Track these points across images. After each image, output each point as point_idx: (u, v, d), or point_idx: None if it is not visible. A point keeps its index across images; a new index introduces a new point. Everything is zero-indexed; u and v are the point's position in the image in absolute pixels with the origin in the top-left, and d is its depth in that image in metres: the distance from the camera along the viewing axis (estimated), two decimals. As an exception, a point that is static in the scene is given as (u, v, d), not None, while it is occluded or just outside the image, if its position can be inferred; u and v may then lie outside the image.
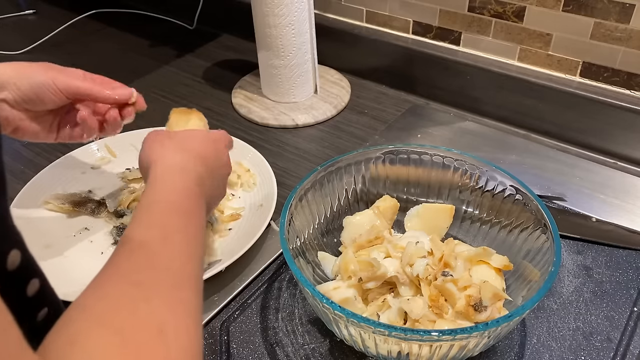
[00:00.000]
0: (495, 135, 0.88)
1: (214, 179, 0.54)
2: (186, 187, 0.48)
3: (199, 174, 0.50)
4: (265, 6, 0.85)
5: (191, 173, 0.49)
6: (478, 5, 0.88)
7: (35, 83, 0.58)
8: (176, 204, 0.45)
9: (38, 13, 1.36)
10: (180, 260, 0.41)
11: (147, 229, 0.42)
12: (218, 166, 0.55)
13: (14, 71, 0.58)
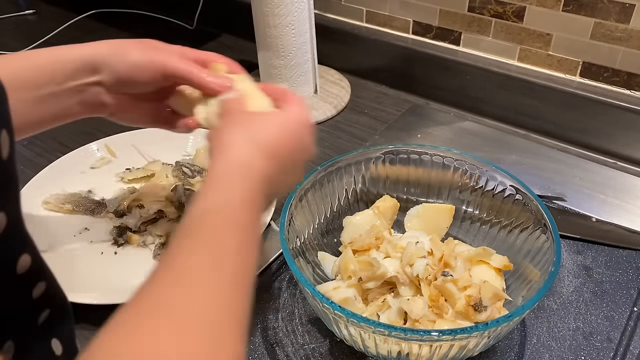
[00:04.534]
0: (495, 135, 0.88)
1: (286, 170, 0.49)
2: (246, 198, 0.43)
3: (266, 172, 0.45)
4: (265, 6, 0.85)
5: (256, 173, 0.45)
6: (478, 5, 0.88)
7: (131, 63, 0.53)
8: (232, 219, 0.40)
9: (38, 13, 1.36)
10: (226, 297, 0.36)
11: (194, 253, 0.37)
12: (294, 155, 0.49)
13: (110, 49, 0.53)
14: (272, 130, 0.48)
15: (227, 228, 0.40)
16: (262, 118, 0.50)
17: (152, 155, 0.83)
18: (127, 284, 0.64)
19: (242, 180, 0.43)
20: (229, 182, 0.43)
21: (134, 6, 1.34)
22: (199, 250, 0.37)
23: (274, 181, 0.46)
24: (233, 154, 0.45)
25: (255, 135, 0.47)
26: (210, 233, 0.39)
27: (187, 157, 0.83)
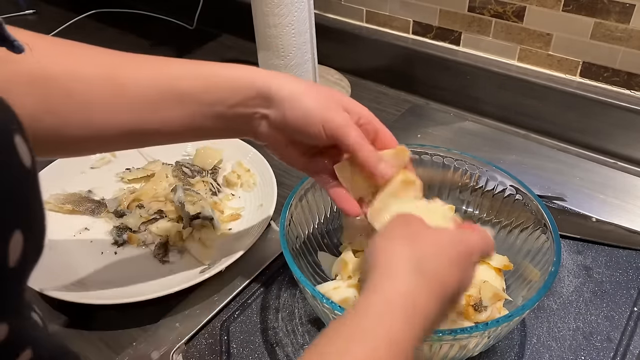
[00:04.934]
0: (495, 135, 0.88)
1: (445, 309, 0.42)
2: (402, 344, 0.37)
3: (428, 310, 0.39)
4: (265, 6, 0.85)
5: (418, 312, 0.39)
6: (478, 5, 0.88)
7: (304, 114, 0.49)
8: None
9: (38, 13, 1.36)
10: None
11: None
12: (459, 288, 0.43)
13: (294, 92, 0.49)
14: (444, 263, 0.41)
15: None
16: (433, 241, 0.43)
17: (152, 155, 0.83)
18: (127, 284, 0.65)
19: (403, 322, 0.38)
20: (387, 322, 0.37)
21: (134, 6, 1.34)
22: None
23: (432, 322, 0.40)
24: (398, 286, 0.39)
25: (425, 265, 0.40)
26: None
27: (187, 157, 0.83)
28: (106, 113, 0.49)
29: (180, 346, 0.58)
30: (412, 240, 0.42)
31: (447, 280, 0.41)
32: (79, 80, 0.48)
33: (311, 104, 0.49)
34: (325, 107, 0.49)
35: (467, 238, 0.44)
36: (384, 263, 0.40)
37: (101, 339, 0.60)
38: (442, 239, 0.43)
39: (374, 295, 0.39)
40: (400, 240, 0.42)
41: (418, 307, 0.39)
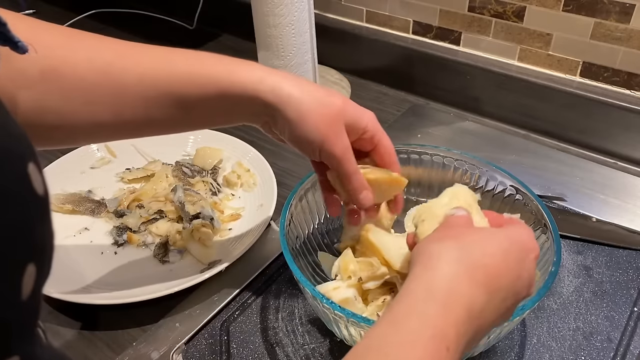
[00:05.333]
0: (495, 135, 0.88)
1: (498, 305, 0.40)
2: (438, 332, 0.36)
3: (471, 301, 0.38)
4: (265, 6, 0.85)
5: (460, 301, 0.37)
6: (478, 5, 0.88)
7: (305, 140, 0.49)
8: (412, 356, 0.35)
9: (38, 13, 1.36)
10: None
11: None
12: (513, 287, 0.40)
13: (298, 117, 0.49)
14: (490, 252, 0.40)
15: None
16: (480, 235, 0.41)
17: (152, 155, 0.83)
18: (127, 284, 0.65)
19: (442, 311, 0.37)
20: (423, 308, 0.37)
21: (134, 6, 1.34)
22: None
23: (481, 317, 0.38)
24: (436, 270, 0.38)
25: (468, 253, 0.39)
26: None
27: (187, 157, 0.83)
28: (109, 110, 0.49)
29: (180, 346, 0.58)
30: (456, 236, 0.41)
31: (494, 271, 0.39)
32: (78, 78, 0.47)
33: (313, 129, 0.49)
34: (326, 134, 0.49)
35: (518, 236, 0.42)
36: (427, 257, 0.40)
37: (101, 339, 0.60)
38: (489, 233, 0.42)
39: (413, 283, 0.38)
40: (444, 238, 0.41)
41: (458, 295, 0.37)
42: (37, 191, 0.26)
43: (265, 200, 0.74)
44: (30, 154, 0.27)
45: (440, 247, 0.40)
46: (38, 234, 0.26)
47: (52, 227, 0.28)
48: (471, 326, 0.38)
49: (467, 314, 0.37)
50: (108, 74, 0.48)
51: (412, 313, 0.37)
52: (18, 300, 0.25)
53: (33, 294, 0.26)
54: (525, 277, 0.41)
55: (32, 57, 0.45)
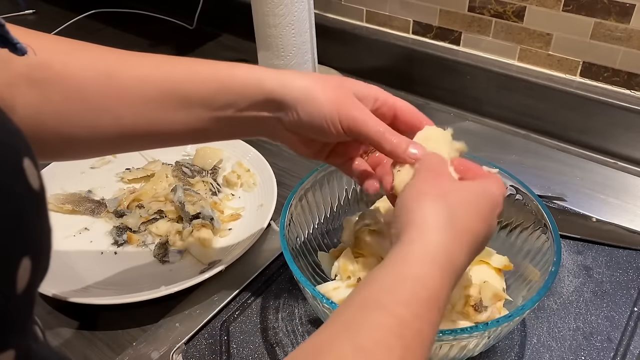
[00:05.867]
0: (495, 135, 0.88)
1: (475, 253, 0.43)
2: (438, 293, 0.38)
3: (460, 263, 0.41)
4: (265, 6, 0.85)
5: (452, 267, 0.40)
6: (478, 5, 0.88)
7: (318, 114, 0.47)
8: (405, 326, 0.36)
9: (38, 13, 1.36)
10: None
11: None
12: (485, 237, 0.44)
13: (304, 91, 0.47)
14: (472, 215, 0.42)
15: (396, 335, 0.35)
16: (462, 196, 0.43)
17: (152, 155, 0.83)
18: (127, 284, 0.65)
19: (439, 275, 0.38)
20: (421, 273, 0.38)
21: (134, 6, 1.34)
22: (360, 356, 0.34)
23: (458, 264, 0.41)
24: (432, 236, 0.40)
25: (457, 220, 0.41)
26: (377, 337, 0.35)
27: (187, 157, 0.83)
28: (108, 114, 0.48)
29: (180, 346, 0.58)
30: (443, 197, 0.42)
31: (476, 233, 0.42)
32: (79, 82, 0.47)
33: (324, 101, 0.47)
34: (338, 102, 0.47)
35: (491, 191, 0.45)
36: (420, 220, 0.41)
37: (101, 339, 0.60)
38: (471, 195, 0.43)
39: (412, 245, 0.39)
40: (431, 197, 0.42)
41: (452, 261, 0.40)
42: (33, 186, 0.26)
43: (265, 200, 0.74)
44: (26, 149, 0.27)
45: (427, 209, 0.41)
46: (33, 228, 0.26)
47: (49, 223, 0.28)
48: (452, 281, 0.40)
49: (456, 276, 0.40)
50: (109, 78, 0.48)
51: (410, 277, 0.38)
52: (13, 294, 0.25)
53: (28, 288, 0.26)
54: (495, 226, 0.45)
55: (33, 62, 0.45)
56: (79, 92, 0.47)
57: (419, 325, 0.36)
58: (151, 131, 0.50)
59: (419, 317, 0.36)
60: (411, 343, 0.35)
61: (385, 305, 0.36)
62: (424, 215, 0.41)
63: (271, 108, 0.49)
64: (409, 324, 0.36)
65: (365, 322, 0.36)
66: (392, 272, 0.39)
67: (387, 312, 0.36)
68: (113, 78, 0.48)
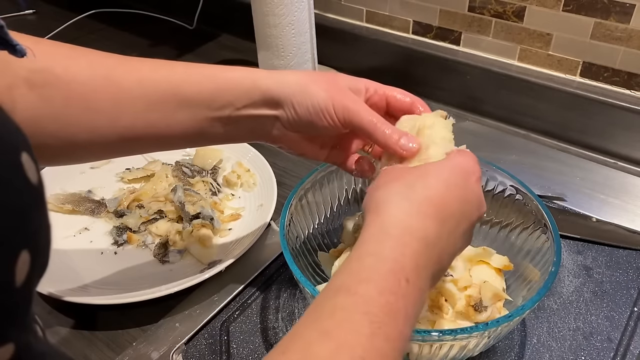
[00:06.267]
0: (495, 135, 0.88)
1: (451, 231, 0.42)
2: (398, 266, 0.37)
3: (426, 234, 0.39)
4: (265, 6, 0.85)
5: (415, 235, 0.39)
6: (478, 5, 0.88)
7: (314, 105, 0.48)
8: (370, 303, 0.35)
9: (38, 13, 1.36)
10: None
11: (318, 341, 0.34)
12: (462, 212, 0.42)
13: (298, 85, 0.48)
14: (431, 184, 0.41)
15: (361, 312, 0.35)
16: (420, 171, 0.43)
17: (152, 155, 0.83)
18: (127, 284, 0.65)
19: (397, 244, 0.38)
20: (377, 248, 0.38)
21: (134, 6, 1.34)
22: (323, 342, 0.34)
23: (438, 245, 0.40)
24: (387, 212, 0.40)
25: (413, 190, 0.41)
26: (339, 318, 0.35)
27: (187, 157, 0.83)
28: (107, 116, 0.48)
29: (180, 346, 0.58)
30: (398, 179, 0.42)
31: (439, 200, 0.41)
32: (78, 83, 0.47)
33: (318, 94, 0.48)
34: (333, 94, 0.48)
35: (455, 160, 0.44)
36: (374, 204, 0.41)
37: (101, 339, 0.60)
38: (429, 168, 0.43)
39: (365, 231, 0.40)
40: (387, 182, 0.43)
41: (411, 229, 0.39)
42: (31, 180, 0.27)
43: (265, 200, 0.74)
44: (24, 144, 0.27)
45: (385, 192, 0.41)
46: (32, 222, 0.26)
47: (48, 219, 0.28)
48: (430, 256, 0.39)
49: (423, 244, 0.39)
50: (108, 81, 0.48)
51: (366, 254, 0.38)
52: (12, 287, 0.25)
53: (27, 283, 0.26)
54: (473, 199, 0.43)
55: (33, 65, 0.45)
56: (78, 95, 0.47)
57: (386, 299, 0.35)
58: (150, 133, 0.50)
59: (385, 290, 0.36)
60: (381, 318, 0.35)
61: (347, 287, 0.36)
62: (378, 198, 0.41)
63: (268, 106, 0.49)
64: (374, 300, 0.35)
65: (328, 306, 0.36)
66: (353, 255, 0.39)
67: (349, 292, 0.36)
68: (112, 81, 0.48)
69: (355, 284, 0.36)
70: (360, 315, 0.35)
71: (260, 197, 0.75)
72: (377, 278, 0.36)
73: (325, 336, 0.34)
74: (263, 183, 0.77)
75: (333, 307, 0.36)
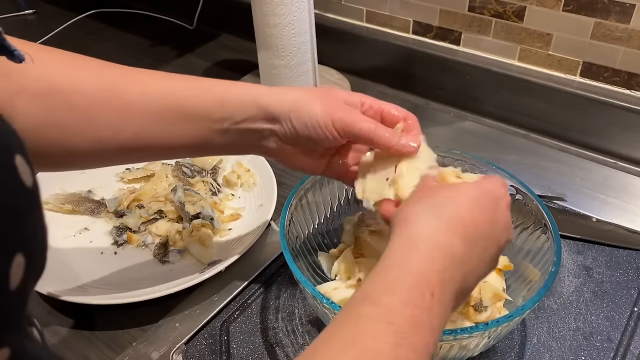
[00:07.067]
0: (495, 135, 0.88)
1: (479, 253, 0.41)
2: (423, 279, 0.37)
3: (453, 251, 0.39)
4: (265, 6, 0.85)
5: (442, 251, 0.39)
6: (478, 5, 0.88)
7: (311, 121, 0.49)
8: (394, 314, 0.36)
9: (38, 13, 1.36)
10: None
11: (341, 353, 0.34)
12: (491, 235, 0.42)
13: (295, 103, 0.49)
14: (462, 205, 0.42)
15: (385, 322, 0.35)
16: (451, 192, 0.43)
17: (152, 155, 0.83)
18: (127, 284, 0.65)
19: (423, 258, 0.38)
20: (403, 260, 0.39)
21: (134, 6, 1.34)
22: (347, 350, 0.34)
23: (464, 264, 0.40)
24: (415, 227, 0.40)
25: (443, 209, 0.41)
26: (363, 327, 0.35)
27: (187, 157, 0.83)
28: (110, 127, 0.49)
29: (180, 346, 0.58)
30: (428, 197, 0.43)
31: (470, 221, 0.41)
32: (82, 94, 0.48)
33: (315, 108, 0.49)
34: (329, 107, 0.49)
35: (484, 184, 0.45)
36: (404, 220, 0.41)
37: (101, 339, 0.60)
38: (459, 189, 0.44)
39: (396, 239, 0.40)
40: (416, 199, 0.43)
41: (441, 246, 0.39)
42: (25, 182, 0.26)
43: (265, 200, 0.74)
44: (19, 147, 0.27)
45: (414, 208, 0.42)
46: (26, 225, 0.26)
47: (44, 221, 0.28)
48: (456, 273, 0.39)
49: (449, 260, 0.39)
50: (111, 92, 0.49)
51: (392, 267, 0.39)
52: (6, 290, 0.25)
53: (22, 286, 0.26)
54: (501, 224, 0.43)
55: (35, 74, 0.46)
56: (81, 105, 0.48)
57: (410, 311, 0.36)
58: (151, 144, 0.51)
59: (409, 303, 0.36)
60: (405, 330, 0.35)
61: (372, 297, 0.37)
62: (407, 213, 0.42)
63: (267, 120, 0.50)
64: (399, 311, 0.36)
65: (354, 316, 0.36)
66: (379, 266, 0.39)
67: (374, 302, 0.36)
68: (115, 93, 0.49)
69: (380, 294, 0.37)
70: (385, 326, 0.35)
71: (260, 197, 0.75)
72: (403, 291, 0.37)
73: (350, 344, 0.34)
74: (263, 183, 0.77)
75: (358, 316, 0.36)
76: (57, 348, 0.59)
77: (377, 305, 0.36)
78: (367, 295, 0.37)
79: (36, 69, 0.45)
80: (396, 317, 0.35)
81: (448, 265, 0.39)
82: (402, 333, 0.35)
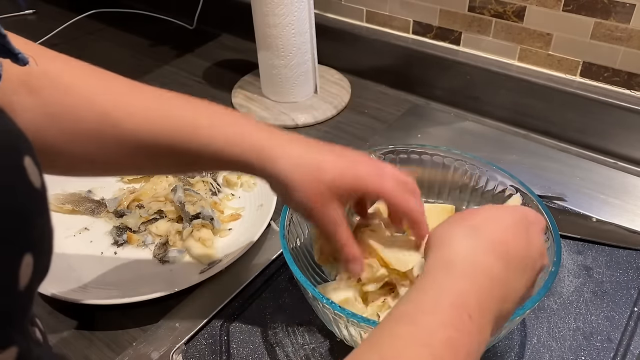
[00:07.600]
0: (495, 135, 0.88)
1: (516, 274, 0.41)
2: (459, 301, 0.37)
3: (492, 270, 0.39)
4: (265, 6, 0.85)
5: (480, 270, 0.39)
6: (478, 5, 0.88)
7: (296, 206, 0.50)
8: (432, 336, 0.35)
9: (38, 13, 1.36)
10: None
11: None
12: (526, 257, 0.42)
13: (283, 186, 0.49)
14: (497, 227, 0.42)
15: (421, 344, 0.34)
16: (485, 215, 0.43)
17: (152, 155, 0.83)
18: (127, 284, 0.65)
19: (461, 278, 0.38)
20: (441, 280, 0.38)
21: (134, 6, 1.34)
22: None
23: (503, 285, 0.39)
24: (452, 248, 0.40)
25: (479, 229, 0.41)
26: (399, 348, 0.34)
27: (187, 157, 0.83)
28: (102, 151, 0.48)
29: (180, 346, 0.58)
30: (465, 218, 0.43)
31: (506, 242, 0.41)
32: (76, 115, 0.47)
33: (301, 197, 0.48)
34: (314, 205, 0.48)
35: (518, 210, 0.45)
36: (440, 239, 0.41)
37: (101, 339, 0.60)
38: (493, 212, 0.44)
39: (433, 260, 0.40)
40: (454, 221, 0.43)
41: (476, 264, 0.39)
42: (34, 184, 0.27)
43: (265, 200, 0.74)
44: (27, 148, 0.27)
45: (449, 230, 0.42)
46: (35, 226, 0.26)
47: (51, 222, 0.28)
48: (494, 295, 0.38)
49: (487, 281, 0.38)
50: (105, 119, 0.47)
51: (430, 287, 0.38)
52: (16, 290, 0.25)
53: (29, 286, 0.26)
54: (536, 249, 0.43)
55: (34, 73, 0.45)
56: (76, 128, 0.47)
57: (448, 333, 0.35)
58: (141, 168, 0.55)
59: (447, 325, 0.35)
60: (441, 352, 0.34)
61: (410, 316, 0.36)
62: (442, 234, 0.42)
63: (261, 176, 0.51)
64: (436, 333, 0.35)
65: (391, 335, 0.35)
66: (416, 286, 0.39)
67: (412, 322, 0.36)
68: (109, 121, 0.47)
69: (418, 315, 0.36)
70: (421, 347, 0.34)
71: (260, 197, 0.75)
72: (441, 312, 0.36)
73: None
74: (263, 183, 0.77)
75: (394, 336, 0.35)
76: (58, 348, 0.59)
77: (415, 326, 0.35)
78: (405, 314, 0.37)
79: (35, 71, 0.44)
80: (434, 338, 0.35)
81: (486, 286, 0.38)
82: (440, 356, 0.34)
